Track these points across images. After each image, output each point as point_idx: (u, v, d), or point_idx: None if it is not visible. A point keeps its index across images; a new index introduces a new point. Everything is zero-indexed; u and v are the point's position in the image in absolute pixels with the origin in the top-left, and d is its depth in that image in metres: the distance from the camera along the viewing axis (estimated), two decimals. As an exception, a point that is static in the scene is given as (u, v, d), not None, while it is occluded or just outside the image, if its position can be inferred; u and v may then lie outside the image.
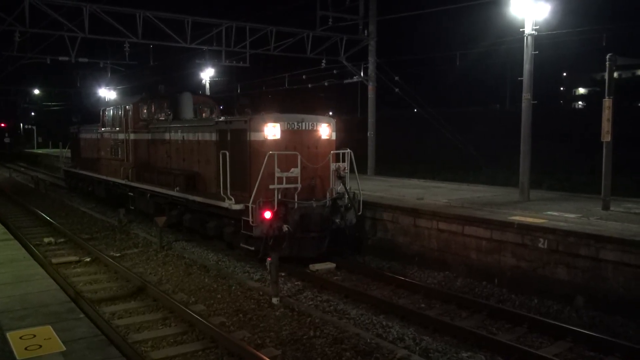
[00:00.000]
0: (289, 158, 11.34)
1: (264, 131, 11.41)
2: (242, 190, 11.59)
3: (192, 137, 14.17)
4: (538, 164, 17.78)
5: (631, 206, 12.57)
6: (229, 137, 12.22)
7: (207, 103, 17.52)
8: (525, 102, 13.12)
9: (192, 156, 14.24)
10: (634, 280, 8.83)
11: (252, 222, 10.84)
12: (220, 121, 12.92)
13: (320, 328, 8.16)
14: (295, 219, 11.23)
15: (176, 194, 13.80)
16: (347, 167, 12.04)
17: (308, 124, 11.90)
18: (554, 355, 7.60)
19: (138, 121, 16.78)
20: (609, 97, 11.63)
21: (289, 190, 11.32)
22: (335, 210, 12.00)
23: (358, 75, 23.08)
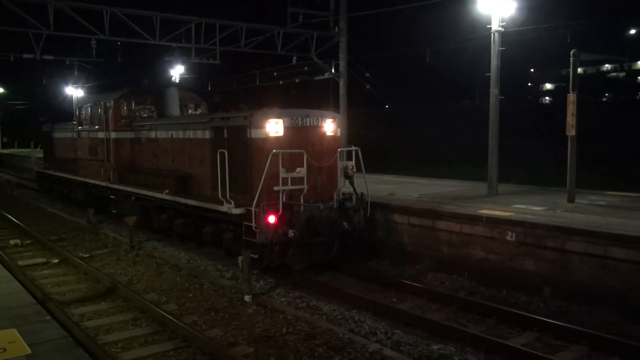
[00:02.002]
0: (295, 157, 10.43)
1: (266, 128, 10.43)
2: (243, 192, 10.62)
3: (183, 135, 13.21)
4: (506, 158, 18.08)
5: (595, 198, 12.88)
6: (225, 134, 11.30)
7: (193, 99, 16.78)
8: (493, 97, 13.32)
9: (182, 156, 13.26)
10: (599, 271, 9.06)
11: (256, 228, 9.90)
12: (216, 117, 11.90)
13: (293, 324, 8.16)
14: (302, 223, 10.39)
15: (166, 197, 12.75)
16: (354, 166, 11.27)
17: (313, 119, 11.00)
18: (522, 345, 7.76)
19: (120, 119, 15.79)
20: (573, 92, 11.89)
21: (295, 192, 10.40)
22: (343, 212, 11.15)
23: (329, 72, 23.09)
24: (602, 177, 18.99)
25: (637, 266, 8.61)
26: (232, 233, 10.94)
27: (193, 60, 22.11)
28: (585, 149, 17.37)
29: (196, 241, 12.95)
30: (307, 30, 21.50)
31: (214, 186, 11.24)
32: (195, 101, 16.75)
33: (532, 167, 22.90)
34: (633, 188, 14.91)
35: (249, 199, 10.27)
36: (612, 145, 29.28)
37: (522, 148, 28.39)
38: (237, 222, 10.46)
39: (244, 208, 10.27)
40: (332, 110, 15.01)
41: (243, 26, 20.25)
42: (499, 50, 13.20)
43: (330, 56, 22.98)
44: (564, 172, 12.40)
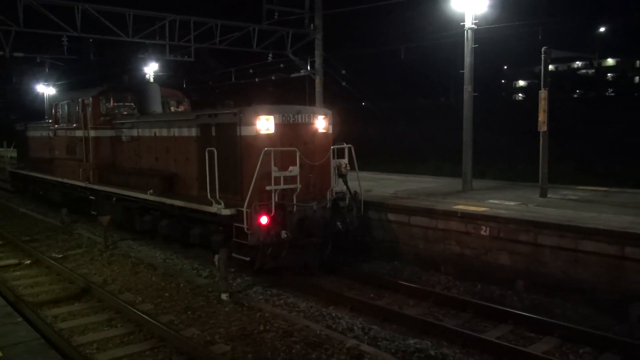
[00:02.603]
0: (287, 155, 10.12)
1: (257, 125, 10.06)
2: (233, 192, 10.26)
3: (167, 133, 12.74)
4: (481, 154, 18.31)
5: (567, 193, 13.14)
6: (213, 132, 10.90)
7: (175, 96, 16.24)
8: (467, 94, 13.47)
9: (167, 155, 12.77)
10: (570, 264, 9.24)
11: (247, 229, 9.57)
12: (202, 114, 11.44)
13: (271, 322, 8.15)
14: (295, 224, 10.14)
15: (150, 198, 12.26)
16: (348, 164, 10.98)
17: (304, 116, 10.65)
18: (497, 337, 7.88)
19: (99, 116, 15.18)
20: (545, 88, 12.09)
21: (287, 192, 10.10)
22: (336, 212, 10.90)
23: (305, 69, 23.08)
24: (573, 172, 19.34)
25: (606, 259, 8.81)
26: (221, 235, 10.52)
27: (167, 57, 21.88)
28: (557, 144, 17.72)
29: (182, 243, 12.55)
30: (282, 28, 21.44)
31: (201, 186, 10.93)
32: (178, 98, 16.28)
33: (507, 162, 23.21)
34: (603, 183, 15.25)
35: (240, 199, 9.96)
36: (583, 141, 29.83)
37: (497, 144, 28.74)
38: (227, 223, 10.08)
39: (234, 209, 9.89)
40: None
41: (218, 23, 20.10)
42: (472, 47, 13.35)
43: (307, 53, 22.98)
44: (537, 168, 12.62)
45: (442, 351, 7.24)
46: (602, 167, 21.04)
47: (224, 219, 10.04)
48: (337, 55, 23.75)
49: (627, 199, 12.23)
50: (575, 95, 56.99)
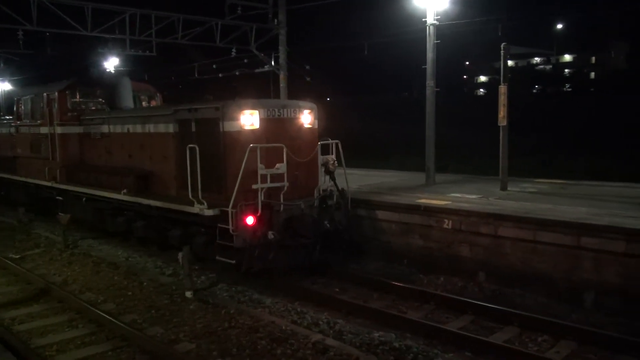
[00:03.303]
0: (274, 152, 9.60)
1: (241, 120, 9.59)
2: (216, 191, 9.78)
3: (141, 129, 12.11)
4: (444, 148, 18.61)
5: (526, 186, 13.47)
6: (193, 127, 10.40)
7: (147, 90, 15.68)
8: (429, 89, 13.65)
9: (142, 152, 12.15)
10: (529, 254, 9.49)
11: (233, 231, 9.16)
12: (181, 109, 10.82)
13: (236, 319, 8.12)
14: (282, 224, 9.73)
15: (125, 198, 11.74)
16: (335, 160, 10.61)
17: (290, 110, 10.26)
18: (459, 328, 8.04)
19: (66, 112, 14.44)
20: (504, 83, 12.35)
21: (273, 190, 9.62)
22: (324, 210, 10.51)
23: (269, 64, 22.97)
24: (533, 166, 19.83)
25: (563, 249, 9.08)
26: (204, 236, 10.09)
27: (128, 52, 21.46)
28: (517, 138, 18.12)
29: (160, 245, 12.00)
30: (246, 23, 21.27)
31: (181, 185, 10.51)
32: (149, 92, 15.70)
33: (469, 156, 23.64)
34: (561, 175, 15.70)
35: (223, 198, 9.54)
36: (542, 135, 30.62)
37: (459, 139, 29.24)
38: (210, 224, 9.64)
39: (218, 209, 9.47)
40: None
41: (180, 17, 19.79)
42: (434, 43, 13.53)
43: (271, 48, 22.89)
44: (498, 161, 12.89)
45: (406, 343, 7.35)
46: (560, 161, 21.66)
47: (206, 220, 9.61)
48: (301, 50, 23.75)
49: (583, 191, 12.62)
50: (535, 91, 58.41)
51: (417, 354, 6.99)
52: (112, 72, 27.61)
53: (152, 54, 21.42)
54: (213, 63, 27.62)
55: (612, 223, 8.79)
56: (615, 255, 8.55)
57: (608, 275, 8.65)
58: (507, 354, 7.14)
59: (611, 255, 8.60)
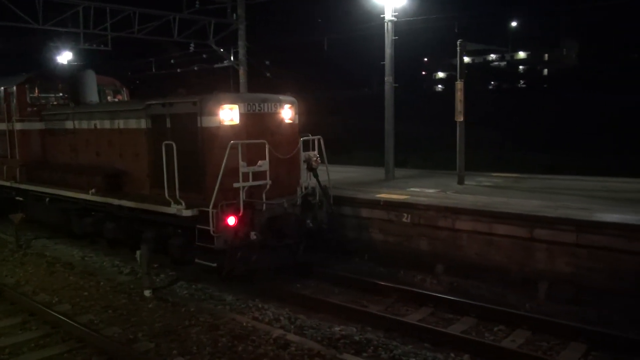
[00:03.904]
0: (255, 148, 9.18)
1: (220, 115, 9.10)
2: (194, 191, 9.24)
3: (110, 125, 11.44)
4: (403, 144, 18.85)
5: (482, 180, 13.78)
6: (168, 123, 9.86)
7: (112, 84, 14.99)
8: (388, 85, 13.79)
9: (110, 149, 11.49)
10: (485, 246, 9.72)
11: (214, 232, 8.69)
12: (154, 104, 10.22)
13: (196, 316, 8.03)
14: (265, 224, 9.31)
15: (93, 198, 11.11)
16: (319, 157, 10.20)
17: (270, 105, 9.80)
18: (418, 320, 8.18)
19: (26, 107, 13.70)
20: (460, 79, 12.57)
21: (255, 189, 9.20)
22: (307, 208, 10.10)
23: (228, 59, 22.74)
24: (489, 160, 20.31)
25: (517, 241, 9.33)
26: (181, 238, 9.58)
27: (82, 46, 20.84)
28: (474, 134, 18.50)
29: (132, 248, 11.28)
30: (204, 17, 20.99)
31: (155, 184, 10.04)
32: (115, 87, 15.08)
33: (428, 152, 24.01)
34: (515, 169, 16.14)
35: (202, 198, 9.06)
36: (498, 130, 31.36)
37: (418, 134, 29.69)
38: (189, 225, 9.15)
39: (196, 209, 9.00)
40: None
41: (136, 11, 19.37)
42: (393, 39, 13.67)
43: (230, 44, 22.66)
44: (455, 156, 13.13)
45: (367, 336, 7.42)
46: (514, 155, 22.24)
47: (184, 220, 9.13)
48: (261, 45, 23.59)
49: (536, 184, 13.00)
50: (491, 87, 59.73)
51: (377, 346, 7.06)
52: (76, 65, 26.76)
53: (107, 49, 20.86)
54: (171, 58, 27.16)
55: (564, 215, 9.08)
56: (567, 246, 8.85)
57: (560, 265, 8.94)
58: (464, 344, 7.30)
59: (563, 246, 8.89)
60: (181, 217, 9.12)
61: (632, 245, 8.25)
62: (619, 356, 6.94)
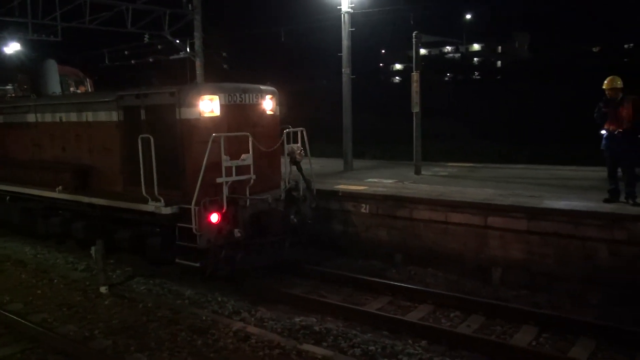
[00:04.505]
0: (238, 141, 8.77)
1: (199, 106, 8.67)
2: (173, 187, 8.79)
3: (77, 117, 10.76)
4: (362, 135, 18.99)
5: (438, 170, 14.04)
6: (143, 115, 9.32)
7: (75, 74, 14.38)
8: (345, 76, 13.85)
9: (78, 144, 10.83)
10: (441, 235, 9.93)
11: (196, 230, 8.29)
12: (127, 94, 9.66)
13: (154, 312, 7.92)
14: (248, 220, 8.94)
15: (61, 196, 10.53)
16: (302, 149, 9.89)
17: (252, 96, 9.43)
18: (377, 309, 8.29)
19: None
20: (416, 71, 12.74)
21: (238, 184, 8.80)
22: (290, 203, 9.75)
23: (184, 51, 22.34)
24: (445, 150, 20.66)
25: (472, 229, 9.58)
26: (159, 238, 9.12)
27: (30, 37, 20.08)
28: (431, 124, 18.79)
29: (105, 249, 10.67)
30: (159, 7, 20.51)
31: (128, 180, 9.59)
32: (77, 77, 14.36)
33: (385, 143, 24.23)
34: (470, 159, 16.49)
35: (182, 194, 8.66)
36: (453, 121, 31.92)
37: (376, 125, 29.93)
38: (168, 223, 8.73)
39: (177, 206, 8.57)
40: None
41: (87, 0, 18.77)
42: (349, 30, 13.72)
43: (186, 35, 22.25)
44: (413, 147, 13.32)
45: (327, 326, 7.48)
46: (469, 145, 22.71)
47: (164, 218, 8.69)
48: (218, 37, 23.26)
49: (489, 173, 13.34)
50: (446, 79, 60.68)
51: (337, 336, 7.13)
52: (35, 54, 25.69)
53: (56, 39, 20.16)
54: (125, 49, 26.48)
55: (516, 203, 9.37)
56: (519, 233, 9.13)
57: (513, 252, 9.22)
58: (422, 330, 7.45)
59: (515, 233, 9.17)
60: (160, 215, 8.66)
61: (578, 230, 8.58)
62: (567, 337, 7.22)
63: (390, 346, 6.81)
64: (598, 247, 8.46)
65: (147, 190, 8.71)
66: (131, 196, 9.37)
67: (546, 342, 7.17)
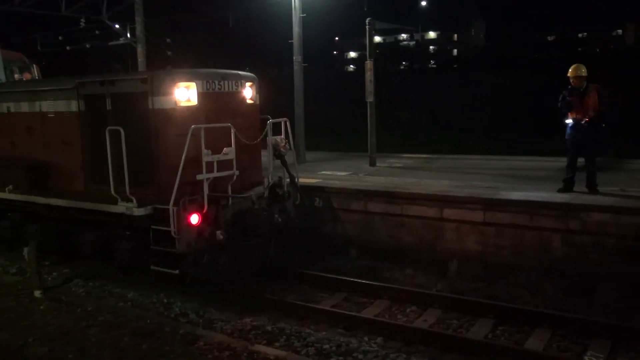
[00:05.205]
0: (219, 133, 8.30)
1: (175, 95, 8.19)
2: (147, 185, 8.33)
3: (29, 108, 10.12)
4: (316, 126, 19.02)
5: (394, 161, 14.24)
6: (109, 105, 8.77)
7: (19, 60, 13.56)
8: (297, 64, 13.82)
9: (31, 138, 10.17)
10: (396, 228, 10.09)
11: (175, 233, 7.80)
12: (89, 82, 9.05)
13: (95, 316, 7.71)
14: (230, 221, 8.50)
15: (12, 197, 9.91)
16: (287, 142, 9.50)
17: (231, 83, 8.97)
18: (332, 306, 8.36)
19: None
20: (370, 59, 12.84)
21: (219, 181, 8.30)
22: (274, 201, 9.26)
23: (125, 36, 21.79)
24: (401, 141, 20.98)
25: (427, 221, 9.76)
26: (130, 242, 8.59)
27: (-48, 20, 19.16)
28: (387, 114, 19.05)
29: (66, 254, 10.13)
30: (95, -11, 19.95)
31: (92, 178, 9.08)
32: (22, 63, 13.64)
33: (340, 133, 24.37)
34: (426, 150, 16.81)
35: (157, 193, 8.20)
36: (409, 111, 32.41)
37: (331, 115, 30.04)
38: (141, 226, 8.24)
39: (150, 207, 8.12)
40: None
41: (15, -19, 18.06)
42: (300, 16, 13.69)
43: (127, 19, 21.70)
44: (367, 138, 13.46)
45: (279, 325, 7.49)
46: (425, 135, 23.14)
47: (136, 221, 8.19)
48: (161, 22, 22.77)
49: (446, 164, 13.62)
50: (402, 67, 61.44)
51: (290, 335, 7.14)
52: None
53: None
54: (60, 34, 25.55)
55: (471, 194, 9.60)
56: (475, 224, 9.37)
57: (469, 244, 9.46)
58: (378, 326, 7.56)
59: (471, 224, 9.41)
60: (132, 217, 8.17)
61: (534, 221, 8.88)
62: (524, 328, 7.47)
63: (345, 344, 6.87)
64: (553, 237, 8.78)
65: (117, 190, 8.24)
66: (96, 196, 8.86)
67: (502, 334, 7.41)
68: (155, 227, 8.01)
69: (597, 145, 9.61)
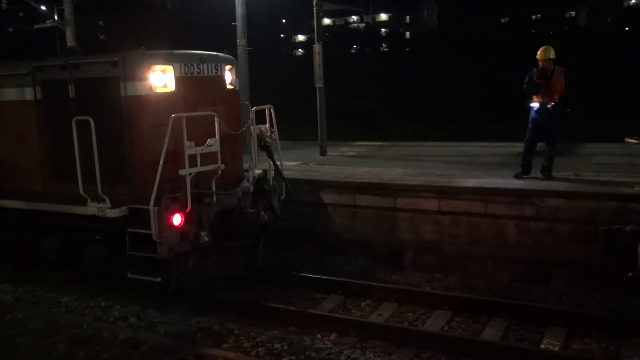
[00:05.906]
0: (202, 123, 7.84)
1: (150, 79, 7.63)
2: (120, 183, 7.85)
3: None
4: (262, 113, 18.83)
5: (345, 149, 14.34)
6: (72, 92, 8.17)
7: None
8: (241, 48, 13.67)
9: None
10: (349, 219, 10.17)
11: (156, 236, 7.29)
12: (48, 65, 8.43)
13: (25, 324, 7.45)
14: (215, 220, 8.09)
15: None
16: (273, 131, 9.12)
17: (211, 66, 8.46)
18: (284, 303, 8.35)
19: None
20: (318, 42, 12.84)
21: (202, 176, 7.86)
22: (259, 196, 8.78)
23: (52, 19, 21.00)
24: (352, 128, 21.12)
25: (381, 211, 9.88)
26: (102, 247, 8.10)
27: None
28: (337, 101, 19.12)
29: (24, 263, 9.43)
30: (17, -33, 19.11)
31: (54, 176, 8.57)
32: None
33: (289, 121, 24.30)
34: (378, 137, 16.99)
35: (132, 191, 7.77)
36: (361, 96, 32.64)
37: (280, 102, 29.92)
38: (114, 229, 7.76)
39: (126, 207, 7.65)
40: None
41: None
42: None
43: (54, 0, 20.95)
44: (317, 126, 13.48)
45: (227, 326, 7.44)
46: (379, 122, 23.37)
47: (109, 224, 7.67)
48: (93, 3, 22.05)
49: (398, 152, 13.81)
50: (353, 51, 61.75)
51: (238, 336, 7.12)
52: None
53: None
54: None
55: (425, 182, 9.76)
56: (430, 213, 9.54)
57: (424, 233, 9.63)
58: (331, 323, 7.61)
59: (426, 213, 9.57)
60: (104, 220, 7.66)
61: (489, 208, 9.11)
62: (481, 318, 7.68)
63: (297, 342, 6.90)
64: (508, 224, 9.03)
65: (87, 189, 7.73)
66: (59, 196, 8.30)
67: (459, 326, 7.59)
68: (133, 230, 7.53)
69: (560, 129, 9.81)
